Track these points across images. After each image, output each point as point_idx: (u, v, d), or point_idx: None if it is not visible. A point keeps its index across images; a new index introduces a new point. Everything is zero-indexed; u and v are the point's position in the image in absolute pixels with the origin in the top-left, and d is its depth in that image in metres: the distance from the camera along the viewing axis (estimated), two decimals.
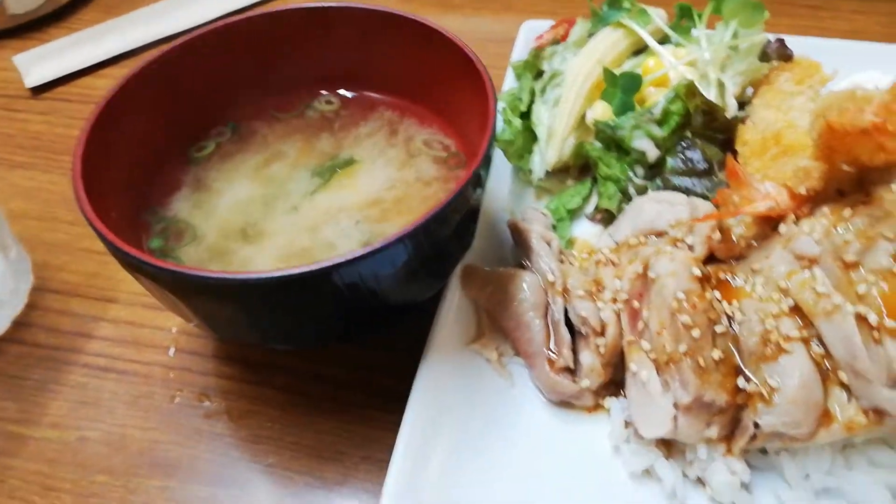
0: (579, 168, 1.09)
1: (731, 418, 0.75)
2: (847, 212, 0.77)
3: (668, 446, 0.79)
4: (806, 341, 0.74)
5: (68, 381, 0.95)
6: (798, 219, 0.80)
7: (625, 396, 0.83)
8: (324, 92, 1.04)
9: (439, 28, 0.92)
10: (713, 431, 0.75)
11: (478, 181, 0.77)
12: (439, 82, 0.95)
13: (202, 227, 0.88)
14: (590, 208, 1.05)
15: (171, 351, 0.98)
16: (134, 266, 0.70)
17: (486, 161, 0.78)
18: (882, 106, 0.71)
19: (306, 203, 0.90)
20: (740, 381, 0.75)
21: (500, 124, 1.08)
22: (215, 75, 0.98)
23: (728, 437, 0.76)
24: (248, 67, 1.00)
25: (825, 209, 0.79)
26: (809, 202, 0.81)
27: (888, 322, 0.70)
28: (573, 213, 1.05)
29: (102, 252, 1.09)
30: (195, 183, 0.94)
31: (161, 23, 1.57)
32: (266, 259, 0.84)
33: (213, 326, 0.80)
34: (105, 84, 1.44)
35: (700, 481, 0.78)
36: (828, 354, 0.74)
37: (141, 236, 0.87)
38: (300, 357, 0.96)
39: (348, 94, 1.04)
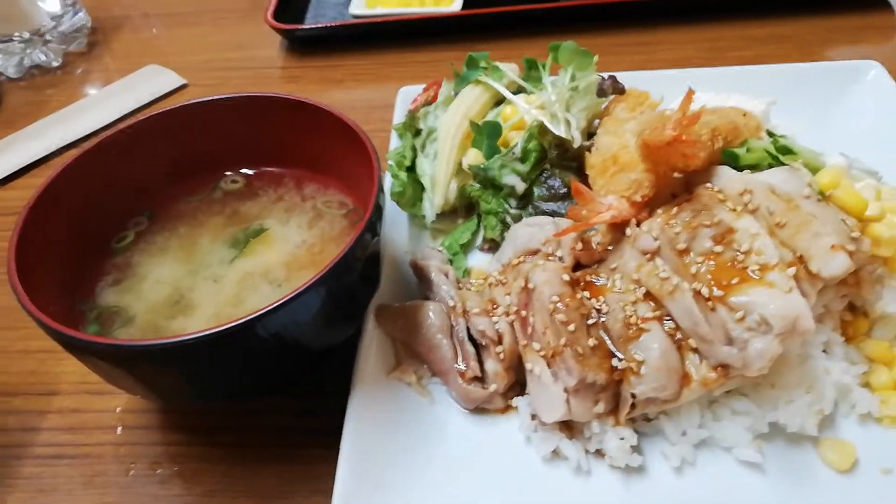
0: (465, 207, 1.22)
1: (612, 394, 0.88)
2: (675, 210, 0.94)
3: (569, 428, 0.91)
4: (659, 319, 0.88)
5: (22, 474, 0.99)
6: (639, 222, 0.96)
7: (528, 393, 0.95)
8: (228, 172, 1.13)
9: (323, 105, 1.03)
10: (600, 407, 0.87)
11: (372, 229, 0.89)
12: (330, 150, 1.05)
13: (133, 309, 0.96)
14: (479, 241, 1.18)
15: (119, 429, 1.03)
16: (81, 349, 0.78)
17: (377, 211, 0.90)
18: (677, 122, 0.89)
19: (227, 272, 0.99)
20: (614, 361, 0.87)
21: (389, 179, 1.21)
22: (126, 171, 1.05)
23: (613, 410, 0.89)
24: (156, 160, 1.08)
25: (659, 210, 0.96)
26: (647, 207, 0.98)
27: (716, 292, 0.85)
28: (466, 247, 1.16)
29: (38, 350, 1.16)
30: (120, 271, 1.01)
31: (60, 132, 1.60)
32: (197, 328, 0.91)
33: (158, 392, 0.87)
34: (15, 195, 1.48)
35: (599, 453, 0.90)
36: (678, 327, 0.87)
37: (78, 325, 0.93)
38: (240, 415, 1.02)
39: (250, 172, 1.13)
